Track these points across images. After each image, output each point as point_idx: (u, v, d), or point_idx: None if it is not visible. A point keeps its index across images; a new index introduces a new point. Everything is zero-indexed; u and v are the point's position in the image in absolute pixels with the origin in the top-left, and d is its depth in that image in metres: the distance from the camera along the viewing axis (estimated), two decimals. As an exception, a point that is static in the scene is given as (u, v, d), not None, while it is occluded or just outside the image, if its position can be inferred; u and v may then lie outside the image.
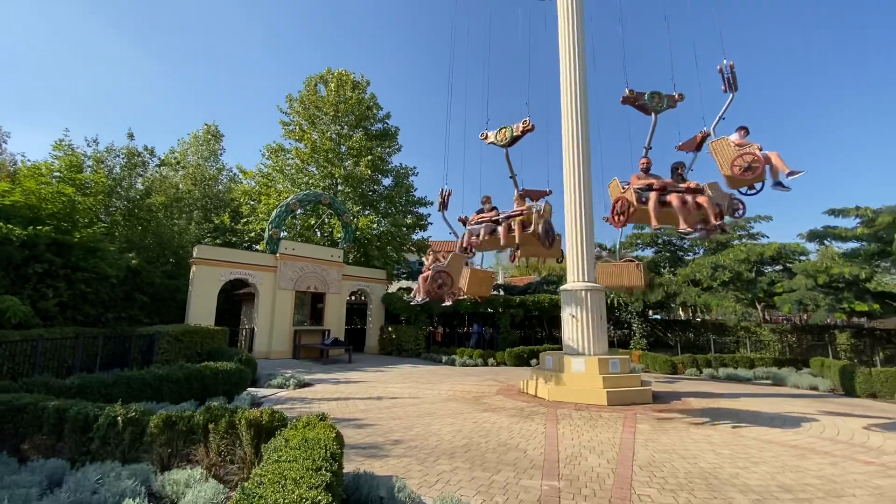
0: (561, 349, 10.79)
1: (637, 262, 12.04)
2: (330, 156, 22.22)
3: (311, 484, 2.47)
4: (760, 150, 7.11)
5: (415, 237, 24.94)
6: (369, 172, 22.07)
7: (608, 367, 9.54)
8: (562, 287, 10.70)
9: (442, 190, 9.31)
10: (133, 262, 15.52)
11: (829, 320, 17.64)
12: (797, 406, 9.29)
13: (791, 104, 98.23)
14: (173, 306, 18.11)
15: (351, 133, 23.45)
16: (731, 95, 7.93)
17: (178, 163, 26.35)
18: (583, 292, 10.22)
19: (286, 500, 2.27)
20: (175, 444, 4.63)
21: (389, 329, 19.75)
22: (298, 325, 17.63)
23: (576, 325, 10.25)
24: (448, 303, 9.51)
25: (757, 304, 18.75)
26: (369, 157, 22.10)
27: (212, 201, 26.45)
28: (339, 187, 22.85)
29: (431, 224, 26.07)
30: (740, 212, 7.96)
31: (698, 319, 21.99)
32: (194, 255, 15.90)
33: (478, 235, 9.24)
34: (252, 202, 23.64)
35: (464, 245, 9.32)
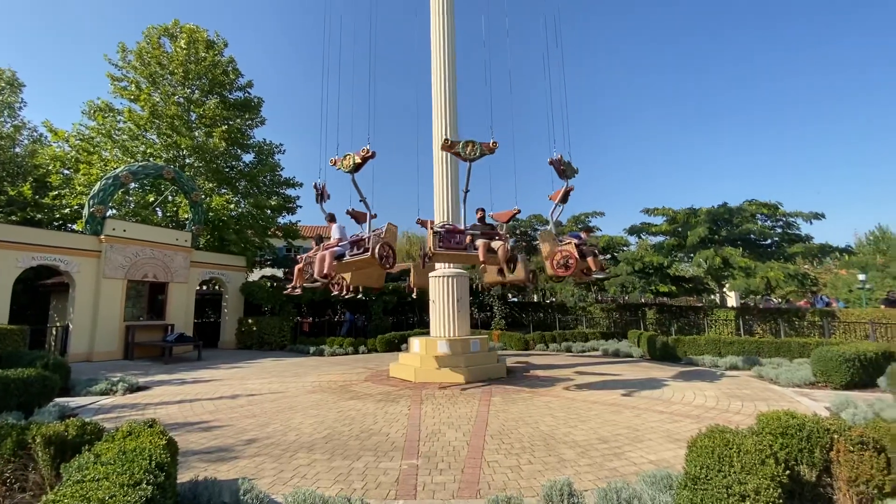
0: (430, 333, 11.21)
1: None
2: (176, 123, 19.14)
3: (124, 503, 2.12)
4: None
5: (281, 220, 23.08)
6: (224, 145, 19.59)
7: (469, 346, 10.24)
8: (431, 273, 11.07)
9: (315, 184, 8.74)
10: None
11: (641, 299, 21.61)
12: (616, 370, 11.20)
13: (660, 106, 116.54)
14: (-59, 301, 13.88)
15: (203, 99, 20.52)
16: (566, 182, 8.80)
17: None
18: (449, 278, 10.74)
19: (86, 527, 1.90)
20: (-68, 478, 3.57)
21: (249, 321, 18.11)
22: (132, 321, 15.04)
23: (442, 309, 10.74)
24: (299, 287, 8.95)
25: (591, 287, 21.99)
26: (225, 128, 19.65)
27: (6, 167, 20.82)
28: (188, 160, 19.94)
29: (301, 207, 24.47)
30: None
31: (548, 302, 24.90)
32: (-26, 234, 12.36)
33: (462, 246, 8.27)
34: (66, 171, 19.25)
35: (427, 250, 8.41)
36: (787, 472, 3.04)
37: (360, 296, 11.44)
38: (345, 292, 9.86)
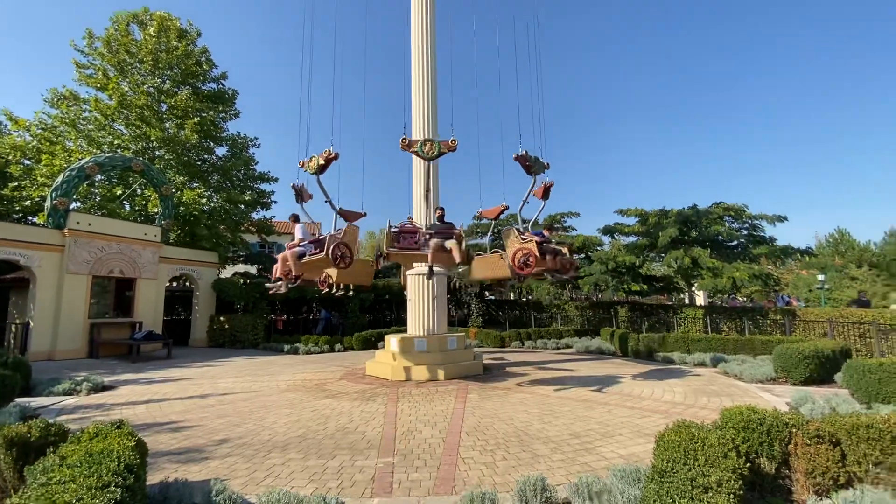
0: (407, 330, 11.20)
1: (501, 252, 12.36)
2: (146, 113, 18.48)
3: (91, 506, 2.06)
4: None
5: (255, 216, 22.55)
6: (196, 138, 18.99)
7: (446, 344, 10.30)
8: (408, 272, 11.06)
9: (294, 184, 8.62)
10: None
11: (614, 298, 22.12)
12: (589, 367, 11.45)
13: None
14: None
15: (175, 90, 19.85)
16: (534, 179, 8.84)
17: None
18: (427, 276, 10.74)
19: (51, 532, 1.85)
20: None
21: (221, 318, 17.69)
22: (97, 318, 14.49)
23: (419, 307, 10.75)
24: (277, 288, 8.84)
25: (566, 285, 22.39)
26: (197, 120, 19.05)
27: (-42, 156, 19.68)
28: (158, 152, 19.25)
29: (276, 203, 23.94)
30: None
31: (523, 299, 25.20)
32: (-77, 226, 11.66)
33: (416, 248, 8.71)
34: (27, 161, 18.35)
35: (383, 252, 8.85)
36: (748, 464, 3.20)
37: (350, 293, 11.37)
38: (334, 290, 9.78)
